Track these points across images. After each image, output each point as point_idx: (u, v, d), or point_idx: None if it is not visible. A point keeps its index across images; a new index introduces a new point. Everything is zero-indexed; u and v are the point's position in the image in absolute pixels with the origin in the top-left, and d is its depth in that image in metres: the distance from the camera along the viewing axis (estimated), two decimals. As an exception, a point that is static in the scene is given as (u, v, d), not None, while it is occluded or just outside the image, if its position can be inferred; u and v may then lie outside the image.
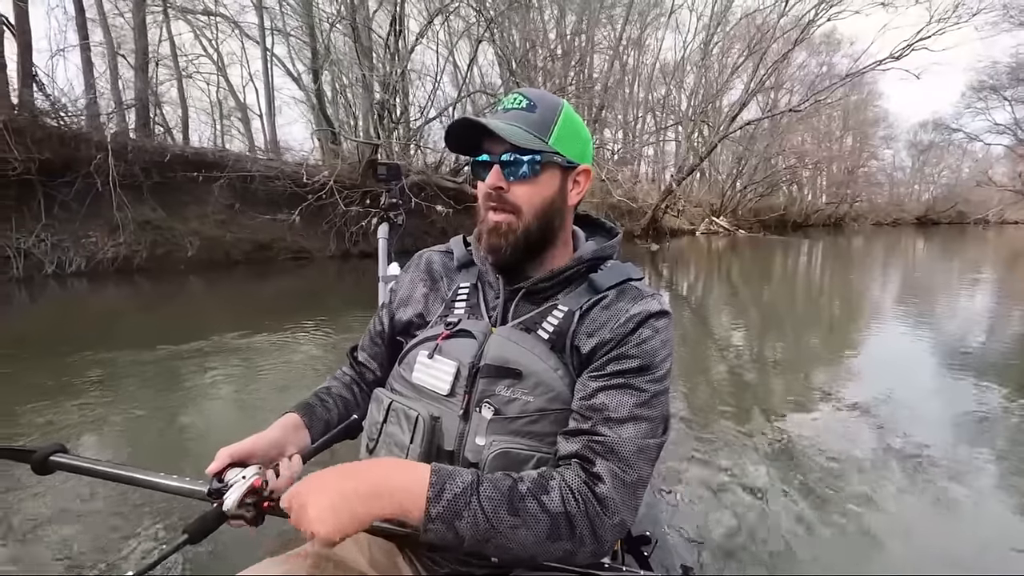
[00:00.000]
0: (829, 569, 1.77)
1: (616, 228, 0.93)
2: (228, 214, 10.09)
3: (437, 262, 0.94)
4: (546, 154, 0.76)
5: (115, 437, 2.82)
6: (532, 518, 0.64)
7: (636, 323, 0.75)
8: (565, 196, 0.81)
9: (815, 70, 26.92)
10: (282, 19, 15.19)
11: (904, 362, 4.45)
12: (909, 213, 45.07)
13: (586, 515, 0.65)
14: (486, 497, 0.63)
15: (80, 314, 6.32)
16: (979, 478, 2.39)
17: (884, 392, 3.51)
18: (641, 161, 25.56)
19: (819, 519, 2.02)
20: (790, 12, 19.05)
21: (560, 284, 0.82)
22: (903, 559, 1.84)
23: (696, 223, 23.99)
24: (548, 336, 0.78)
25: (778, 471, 2.42)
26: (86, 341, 4.64)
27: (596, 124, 19.58)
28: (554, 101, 0.79)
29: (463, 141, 0.79)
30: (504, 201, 0.78)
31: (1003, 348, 4.91)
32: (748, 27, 21.66)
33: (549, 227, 0.80)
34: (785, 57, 19.83)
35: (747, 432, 2.88)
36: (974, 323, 6.04)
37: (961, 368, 4.14)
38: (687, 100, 24.94)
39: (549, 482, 0.67)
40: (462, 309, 0.84)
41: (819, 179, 38.22)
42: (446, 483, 0.63)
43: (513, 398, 0.75)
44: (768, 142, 26.49)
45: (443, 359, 0.78)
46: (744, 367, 4.41)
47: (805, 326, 6.36)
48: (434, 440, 0.77)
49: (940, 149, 43.99)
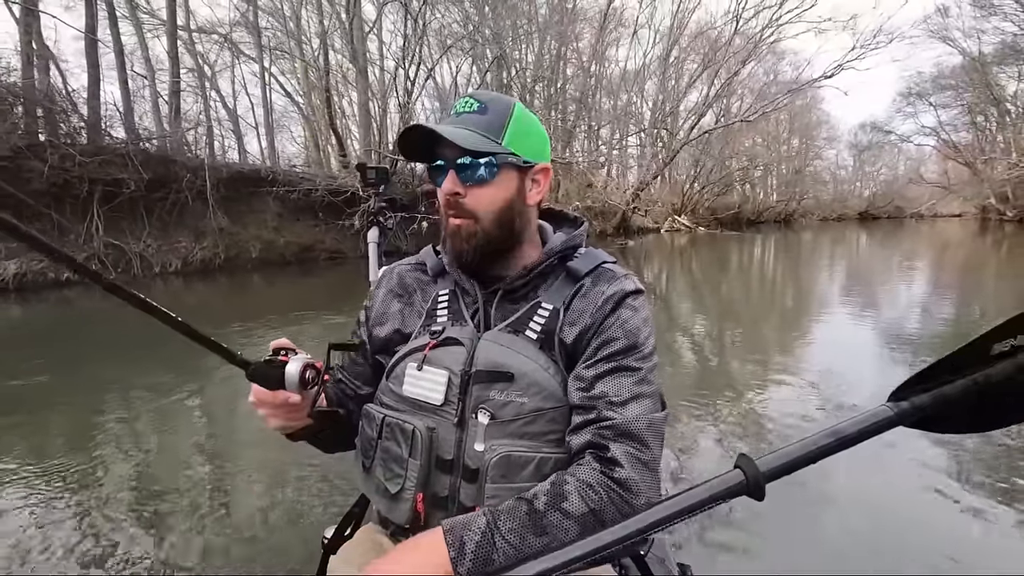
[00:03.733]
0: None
1: (581, 218, 0.97)
2: (279, 221, 12.49)
3: (408, 275, 0.96)
4: (500, 155, 0.78)
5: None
6: (560, 530, 0.66)
7: (614, 303, 0.80)
8: (524, 196, 0.83)
9: (763, 78, 31.28)
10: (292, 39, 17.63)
11: (845, 340, 5.19)
12: (852, 209, 49.59)
13: (612, 504, 0.68)
14: (508, 530, 0.65)
15: (199, 300, 8.77)
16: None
17: (828, 368, 4.13)
18: (610, 165, 28.95)
19: (790, 497, 2.17)
20: (741, 29, 23.09)
21: (535, 280, 0.85)
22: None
23: (660, 222, 26.49)
24: (536, 336, 0.81)
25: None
26: (226, 314, 7.14)
27: (571, 133, 22.83)
28: (506, 102, 0.82)
29: (419, 148, 0.81)
30: (461, 207, 0.81)
31: (930, 328, 5.64)
32: (702, 42, 25.59)
33: (511, 228, 0.83)
34: (736, 74, 23.63)
35: (716, 414, 3.24)
36: (906, 306, 6.90)
37: (893, 343, 4.84)
38: (648, 109, 28.57)
39: (564, 487, 0.69)
40: (444, 317, 0.86)
41: (769, 178, 42.63)
42: (464, 535, 0.65)
43: (508, 401, 0.77)
44: (722, 145, 30.10)
45: (433, 369, 0.80)
46: (705, 348, 5.16)
47: (758, 310, 7.51)
48: (433, 451, 0.79)
49: (878, 149, 48.22)
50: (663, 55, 25.79)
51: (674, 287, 10.00)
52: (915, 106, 38.33)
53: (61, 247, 0.53)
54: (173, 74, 13.91)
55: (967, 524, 2.12)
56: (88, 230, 9.42)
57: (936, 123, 37.51)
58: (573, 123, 22.20)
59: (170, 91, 12.64)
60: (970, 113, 34.88)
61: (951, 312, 6.57)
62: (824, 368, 4.21)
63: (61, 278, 8.82)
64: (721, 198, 34.57)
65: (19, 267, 8.28)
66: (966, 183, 37.37)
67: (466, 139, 0.76)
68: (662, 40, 26.39)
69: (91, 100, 11.07)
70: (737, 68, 23.13)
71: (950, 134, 36.76)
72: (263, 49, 17.69)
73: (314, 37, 18.07)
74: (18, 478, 2.57)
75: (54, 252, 0.53)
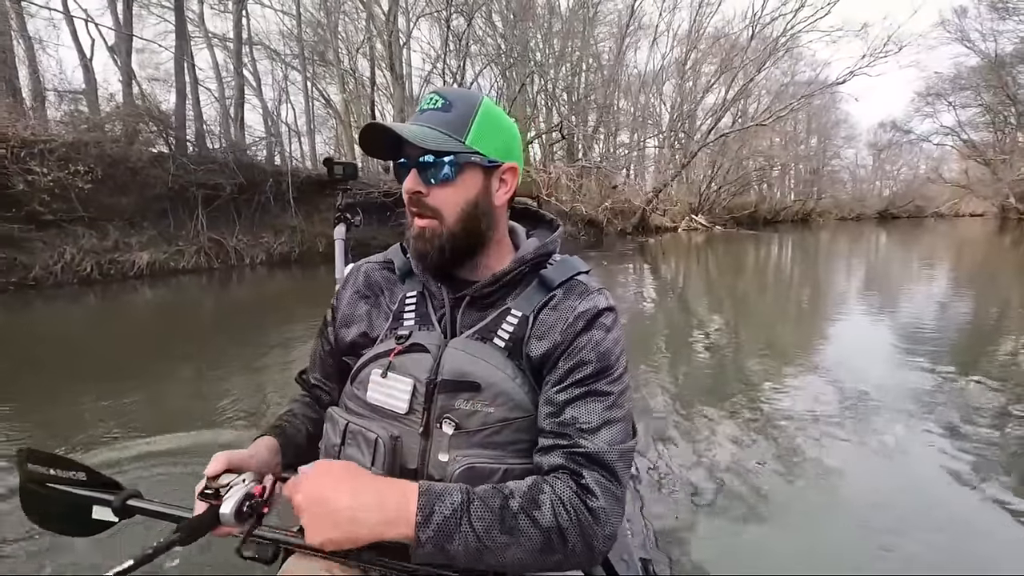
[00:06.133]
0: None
1: (556, 220, 0.97)
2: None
3: (376, 274, 0.95)
4: (462, 155, 0.78)
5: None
6: (525, 536, 0.68)
7: (586, 321, 0.80)
8: (490, 196, 0.83)
9: (781, 79, 32.69)
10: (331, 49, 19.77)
11: (861, 337, 5.37)
12: (871, 208, 50.11)
13: (579, 527, 0.69)
14: (477, 518, 0.67)
15: (278, 287, 10.84)
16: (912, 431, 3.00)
17: (843, 365, 4.28)
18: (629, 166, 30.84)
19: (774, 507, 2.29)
20: (757, 33, 24.85)
21: (506, 287, 0.85)
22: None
23: (677, 221, 27.72)
24: (504, 344, 0.81)
25: (741, 452, 2.80)
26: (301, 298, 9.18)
27: (593, 138, 24.82)
28: (471, 99, 0.81)
29: (384, 145, 0.81)
30: (423, 206, 0.81)
31: (951, 328, 5.74)
32: (720, 46, 27.32)
33: (475, 230, 0.83)
34: (752, 80, 25.41)
35: (711, 416, 3.29)
36: (923, 304, 7.07)
37: (909, 341, 5.00)
38: (667, 112, 30.37)
39: (540, 496, 0.70)
40: (411, 320, 0.86)
41: (787, 178, 43.89)
42: (435, 505, 0.67)
43: (473, 411, 0.77)
44: (739, 146, 31.27)
45: (398, 376, 0.80)
46: (719, 345, 5.26)
47: (772, 307, 7.84)
48: (396, 460, 0.79)
49: (898, 147, 48.90)
50: (681, 59, 27.71)
51: (689, 281, 10.95)
52: (934, 106, 39.41)
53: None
54: (238, 87, 16.11)
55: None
56: (195, 227, 11.55)
57: (955, 123, 38.64)
58: (595, 128, 24.16)
59: (235, 103, 14.79)
60: (988, 113, 36.24)
61: (968, 310, 6.75)
62: (838, 365, 4.34)
63: (178, 267, 10.99)
64: (738, 198, 35.55)
65: (150, 256, 10.43)
66: (986, 182, 38.26)
67: (425, 137, 0.77)
68: (680, 44, 28.34)
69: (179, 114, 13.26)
70: (753, 75, 24.90)
71: (969, 134, 37.91)
72: (307, 60, 19.86)
73: (353, 49, 20.31)
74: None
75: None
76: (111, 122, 11.20)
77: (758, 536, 2.13)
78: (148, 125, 11.68)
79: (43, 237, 9.34)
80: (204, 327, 7.01)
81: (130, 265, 10.25)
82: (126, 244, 10.32)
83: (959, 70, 35.87)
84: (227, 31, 16.54)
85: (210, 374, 4.57)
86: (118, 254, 10.16)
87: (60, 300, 8.53)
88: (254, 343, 5.64)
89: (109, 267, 10.02)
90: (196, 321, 7.44)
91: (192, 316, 7.82)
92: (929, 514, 2.27)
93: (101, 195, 9.98)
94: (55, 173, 9.10)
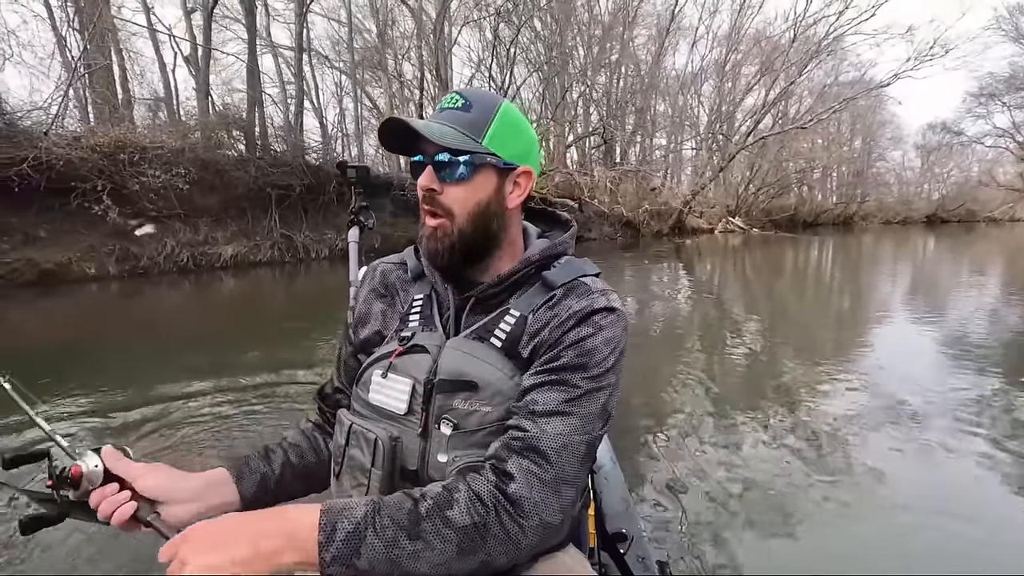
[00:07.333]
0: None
1: (571, 221, 0.97)
2: (393, 218, 15.87)
3: (392, 274, 0.98)
4: (478, 155, 0.80)
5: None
6: (437, 538, 0.66)
7: (577, 319, 0.80)
8: (503, 199, 0.85)
9: (824, 79, 32.08)
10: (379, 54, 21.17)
11: (904, 344, 5.34)
12: (918, 212, 48.83)
13: (498, 519, 0.68)
14: (381, 527, 0.64)
15: (337, 280, 12.10)
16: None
17: (884, 370, 4.26)
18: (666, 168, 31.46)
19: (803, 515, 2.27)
20: (800, 35, 25.17)
21: (510, 288, 0.86)
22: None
23: (714, 223, 28.04)
24: (501, 343, 0.82)
25: (765, 459, 2.77)
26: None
27: (633, 137, 25.65)
28: (491, 100, 0.83)
29: (401, 141, 0.83)
30: (437, 204, 0.82)
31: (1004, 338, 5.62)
32: (761, 47, 27.63)
33: (487, 231, 0.84)
34: (793, 82, 25.85)
35: (734, 421, 3.27)
36: (971, 312, 6.93)
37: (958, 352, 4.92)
38: (705, 113, 30.82)
39: (455, 493, 0.69)
40: (416, 322, 0.88)
41: (829, 180, 43.48)
42: (337, 522, 0.64)
43: (471, 411, 0.78)
44: (779, 147, 31.13)
45: (397, 377, 0.82)
46: (754, 346, 5.30)
47: (810, 310, 7.95)
48: (396, 461, 0.80)
49: (948, 149, 47.90)
50: (721, 60, 28.21)
51: (725, 281, 11.41)
52: (987, 107, 38.94)
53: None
54: (298, 93, 17.59)
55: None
56: (268, 224, 12.99)
57: (1010, 124, 38.19)
58: (633, 131, 25.01)
59: (296, 108, 16.30)
60: (1046, 114, 35.52)
61: (1020, 321, 6.55)
62: (879, 371, 4.33)
63: (256, 260, 12.44)
64: (776, 200, 35.35)
65: (233, 250, 11.89)
66: (1042, 186, 37.78)
67: (442, 135, 0.78)
68: (720, 45, 28.71)
69: (250, 121, 14.76)
70: (794, 77, 25.34)
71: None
72: (357, 66, 21.32)
73: (400, 55, 21.69)
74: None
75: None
76: (205, 130, 12.72)
77: (785, 539, 2.14)
78: (231, 132, 13.15)
79: (148, 231, 10.88)
80: (303, 310, 8.23)
81: (216, 257, 11.78)
82: (213, 239, 11.83)
83: (1014, 70, 35.38)
84: (286, 40, 18.14)
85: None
86: (207, 247, 11.68)
87: (163, 286, 10.01)
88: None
89: (201, 258, 11.55)
90: (298, 304, 8.72)
91: (281, 302, 9.10)
92: (975, 521, 2.24)
93: (195, 195, 11.51)
94: (163, 176, 10.62)
